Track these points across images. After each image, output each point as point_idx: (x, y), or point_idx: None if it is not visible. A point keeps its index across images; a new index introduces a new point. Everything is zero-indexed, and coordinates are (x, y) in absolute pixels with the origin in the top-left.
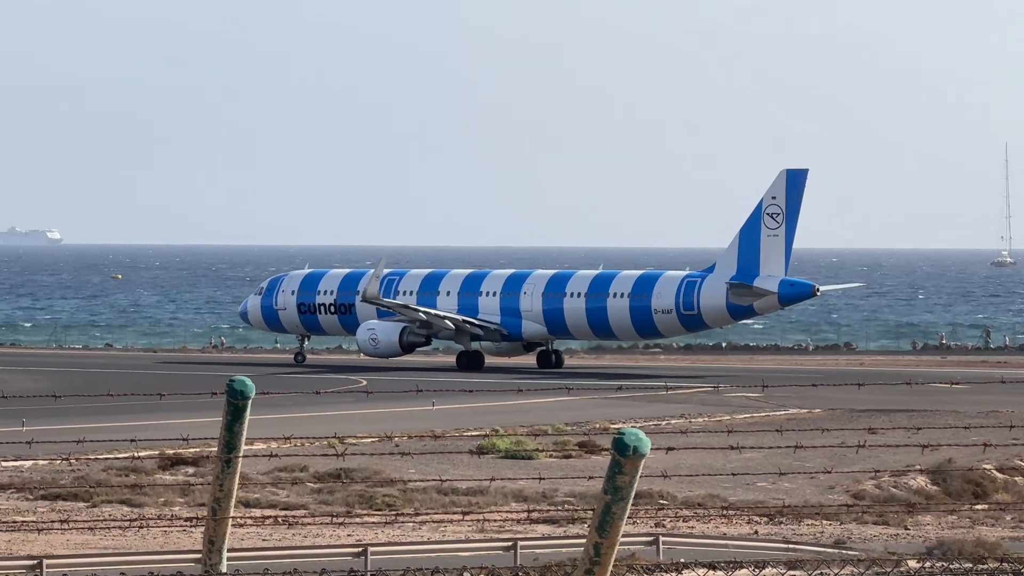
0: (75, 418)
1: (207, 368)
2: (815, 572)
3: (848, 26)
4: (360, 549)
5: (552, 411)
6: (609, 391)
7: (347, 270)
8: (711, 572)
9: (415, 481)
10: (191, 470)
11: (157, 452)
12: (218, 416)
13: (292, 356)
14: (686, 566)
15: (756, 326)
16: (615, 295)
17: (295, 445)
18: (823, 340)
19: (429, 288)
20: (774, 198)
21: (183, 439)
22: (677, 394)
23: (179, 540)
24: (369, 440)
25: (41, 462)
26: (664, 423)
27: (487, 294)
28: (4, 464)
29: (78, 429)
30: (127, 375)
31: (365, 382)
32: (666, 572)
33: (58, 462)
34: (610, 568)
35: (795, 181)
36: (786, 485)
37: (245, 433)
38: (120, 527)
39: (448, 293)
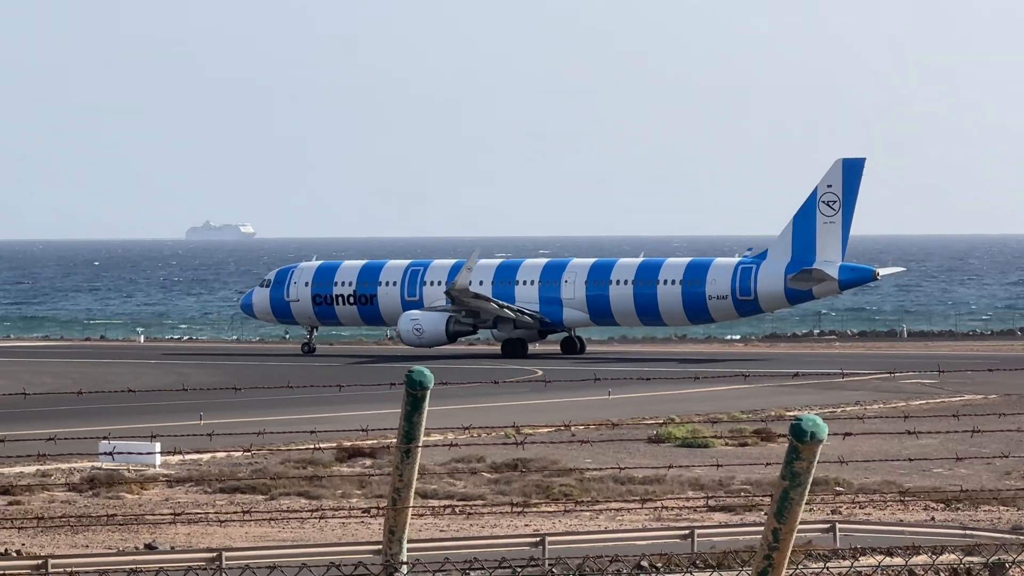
0: (252, 411)
1: (385, 361)
2: (993, 558)
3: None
4: (538, 539)
5: (727, 399)
6: (785, 378)
7: (363, 261)
8: (888, 558)
9: (592, 470)
10: (368, 462)
11: (335, 444)
12: (396, 408)
13: (299, 347)
14: (863, 552)
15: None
16: (665, 282)
17: (472, 436)
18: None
19: None
20: (830, 186)
21: (362, 430)
22: (852, 381)
23: (357, 531)
24: (546, 430)
25: (219, 455)
26: (839, 410)
27: (524, 283)
28: (184, 457)
29: (256, 422)
30: (304, 368)
31: (541, 372)
32: (843, 559)
33: (237, 455)
34: (789, 554)
35: (852, 170)
36: (962, 471)
37: (424, 423)
38: (298, 519)
39: (480, 283)
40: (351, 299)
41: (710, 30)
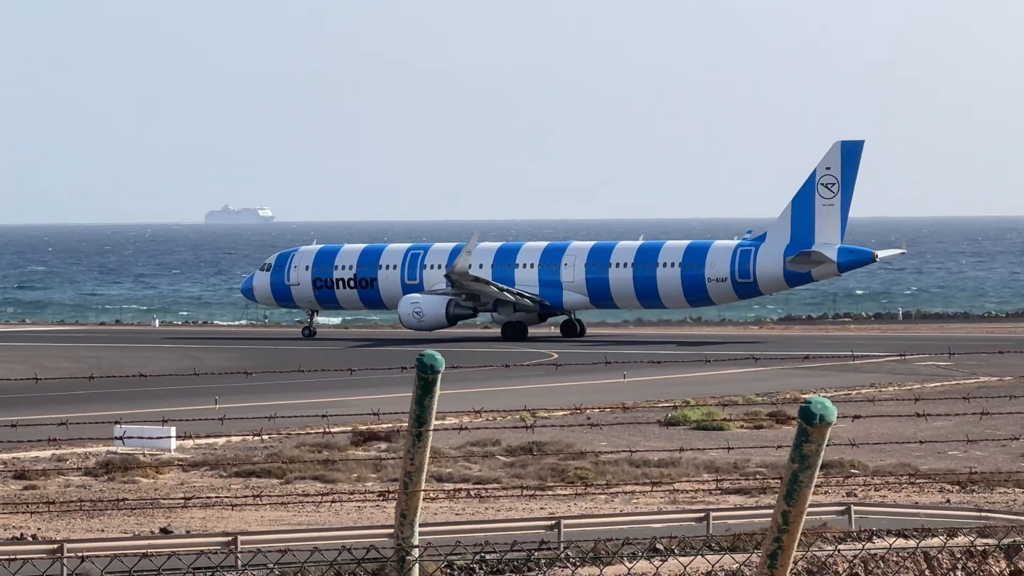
0: (265, 395)
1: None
2: (1007, 540)
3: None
4: (553, 522)
5: (742, 382)
6: (798, 361)
7: (363, 245)
8: (902, 540)
9: (607, 453)
10: (384, 445)
11: (349, 428)
12: (408, 391)
13: (300, 330)
14: (877, 535)
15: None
16: (665, 264)
17: (487, 419)
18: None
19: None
20: (828, 169)
21: (374, 414)
22: (867, 363)
23: (372, 515)
24: (561, 413)
25: (234, 439)
26: (854, 392)
27: (523, 266)
28: (198, 441)
29: (269, 406)
30: (318, 352)
31: (556, 355)
32: (858, 541)
33: (251, 439)
34: (799, 536)
35: (850, 152)
36: (977, 453)
37: (435, 407)
38: (313, 503)
39: (480, 266)
40: (351, 283)
41: (709, 13)
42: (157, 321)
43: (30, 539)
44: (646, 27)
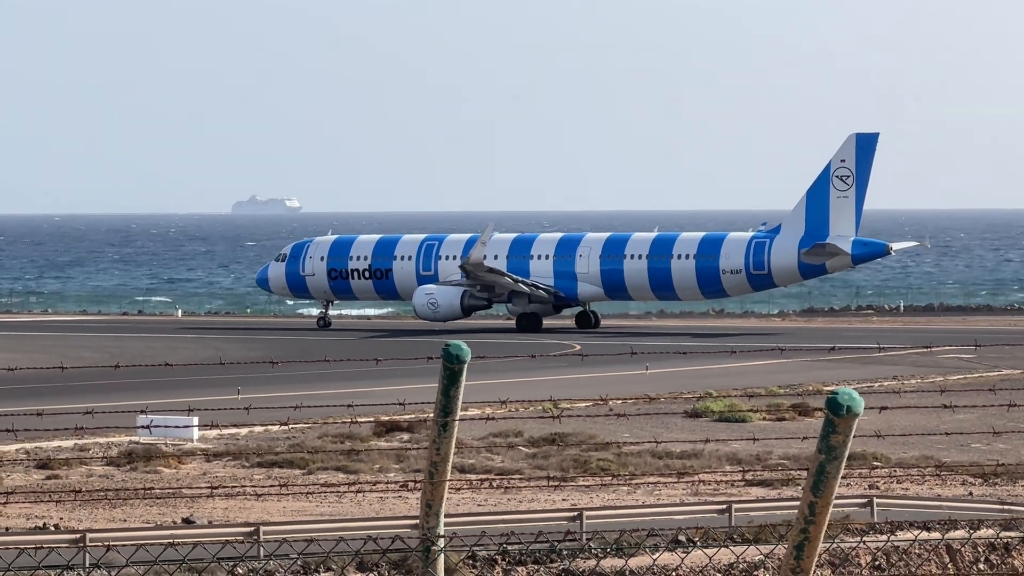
0: (289, 385)
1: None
2: None
3: None
4: (575, 513)
5: (765, 374)
6: (820, 353)
7: (378, 236)
8: (925, 533)
9: (629, 444)
10: (406, 436)
11: (372, 418)
12: (432, 382)
13: (315, 321)
14: (900, 527)
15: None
16: (679, 256)
17: (509, 410)
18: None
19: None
20: (843, 161)
21: (399, 404)
22: (890, 356)
23: (395, 506)
24: (583, 404)
25: (257, 429)
26: (877, 385)
27: (539, 257)
28: (221, 431)
29: (293, 396)
30: (342, 342)
31: (579, 346)
32: (881, 533)
33: (274, 429)
34: (825, 527)
35: (865, 145)
36: (1000, 446)
37: (461, 397)
38: (336, 493)
39: (496, 257)
40: (366, 273)
41: (723, 6)
42: (180, 311)
43: (53, 529)
44: (660, 20)
